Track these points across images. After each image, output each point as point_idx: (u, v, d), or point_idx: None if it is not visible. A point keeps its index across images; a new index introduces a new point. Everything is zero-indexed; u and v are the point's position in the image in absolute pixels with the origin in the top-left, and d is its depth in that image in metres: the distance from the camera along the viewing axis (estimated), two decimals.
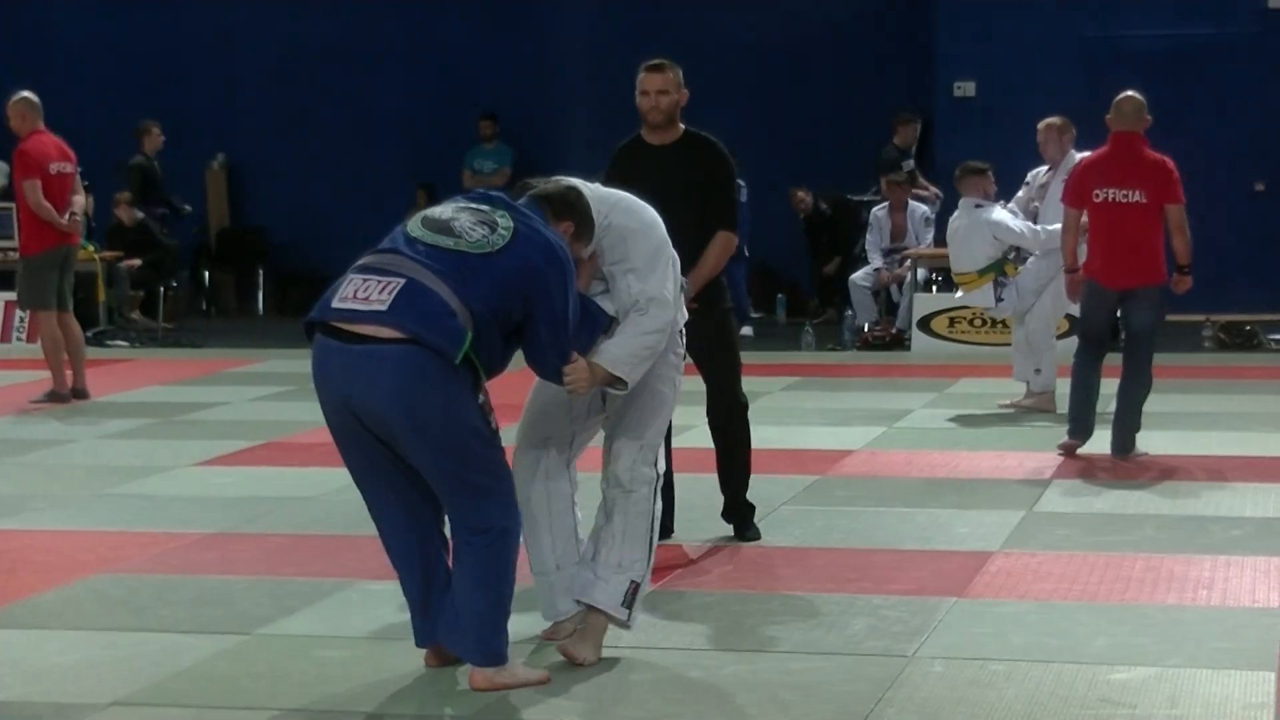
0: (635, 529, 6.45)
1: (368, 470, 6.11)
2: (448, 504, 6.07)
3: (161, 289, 19.48)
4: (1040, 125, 12.56)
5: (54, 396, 13.61)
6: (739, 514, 8.49)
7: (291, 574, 7.88)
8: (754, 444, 8.56)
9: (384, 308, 5.82)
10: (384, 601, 7.20)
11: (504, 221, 6.03)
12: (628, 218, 6.41)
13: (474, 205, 6.12)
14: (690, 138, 8.25)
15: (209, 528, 8.89)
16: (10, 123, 13.86)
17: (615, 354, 6.28)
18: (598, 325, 6.31)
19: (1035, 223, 12.58)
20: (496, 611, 6.06)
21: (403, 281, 5.86)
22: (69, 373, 13.80)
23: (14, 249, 17.77)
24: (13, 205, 18.16)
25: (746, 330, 17.82)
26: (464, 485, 5.97)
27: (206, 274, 21.54)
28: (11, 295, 17.43)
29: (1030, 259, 12.63)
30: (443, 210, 6.13)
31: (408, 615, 6.34)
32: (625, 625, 6.50)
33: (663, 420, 6.59)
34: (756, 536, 8.45)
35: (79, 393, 13.75)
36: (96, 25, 21.84)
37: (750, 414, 8.53)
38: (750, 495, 8.54)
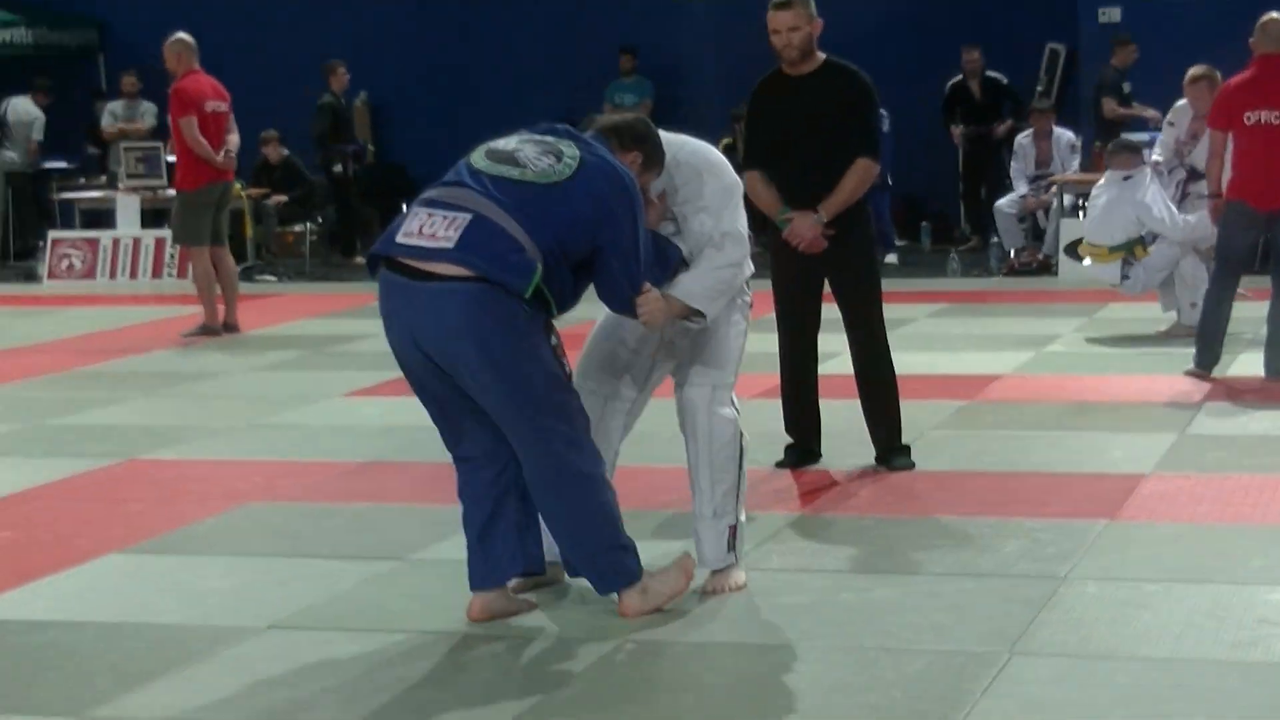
0: (723, 473, 6.32)
1: (439, 407, 6.02)
2: (518, 447, 5.91)
3: (307, 224, 19.64)
4: (1189, 79, 12.35)
5: (205, 330, 13.80)
6: (890, 460, 8.37)
7: (440, 501, 7.93)
8: (900, 369, 8.49)
9: (450, 244, 5.68)
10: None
11: (569, 151, 5.89)
12: (696, 157, 6.29)
13: (539, 137, 5.98)
14: (830, 67, 8.12)
15: (360, 456, 8.98)
16: (166, 63, 14.05)
17: (691, 287, 6.17)
18: (670, 261, 6.19)
19: (1183, 171, 12.46)
20: (602, 545, 5.96)
21: (469, 216, 5.72)
22: (221, 307, 13.98)
23: (163, 187, 18.02)
24: (160, 145, 18.44)
25: (891, 257, 17.72)
26: (536, 429, 5.83)
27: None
28: (163, 232, 17.66)
29: (1160, 241, 12.38)
30: (507, 141, 5.98)
31: None
32: (736, 568, 6.39)
33: (734, 361, 6.40)
34: (909, 467, 8.39)
35: (230, 326, 13.93)
36: None
37: (896, 339, 8.47)
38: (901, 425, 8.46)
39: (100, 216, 19.24)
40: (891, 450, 8.34)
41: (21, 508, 8.12)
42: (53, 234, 18.69)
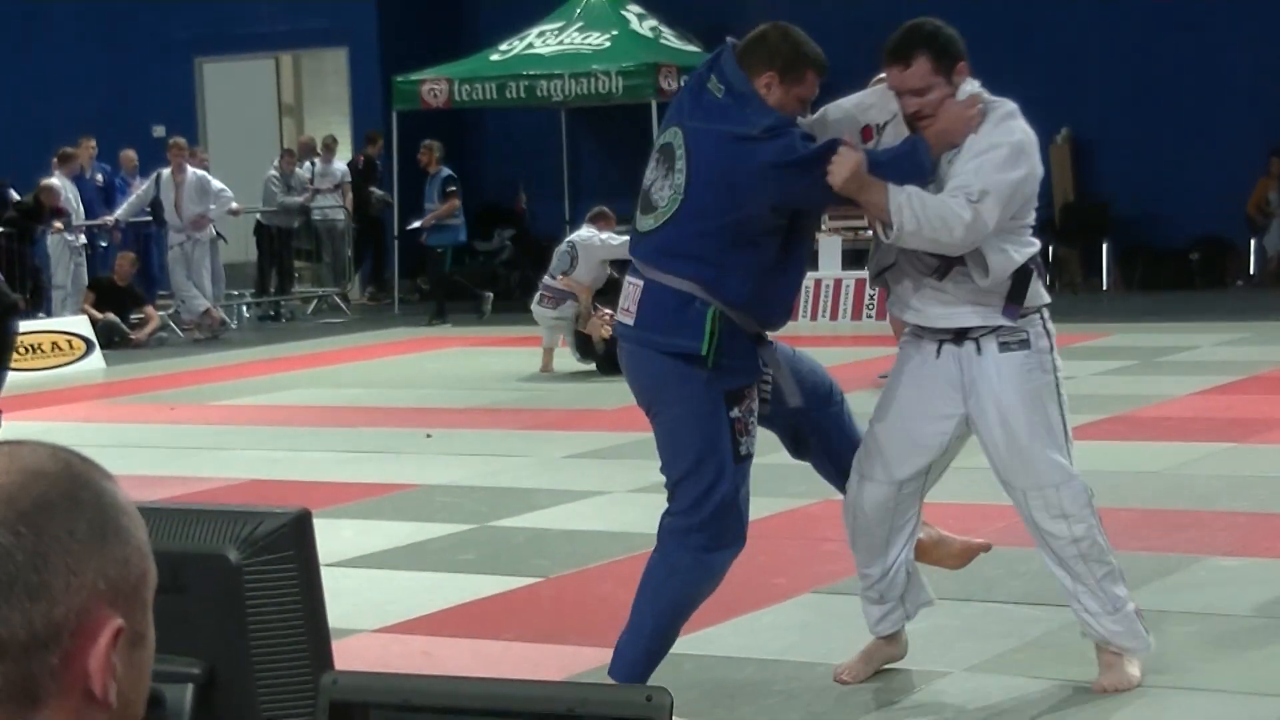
0: (1097, 569, 5.82)
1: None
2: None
3: None
4: None
5: None
6: None
7: (1139, 548, 7.78)
8: None
9: (633, 320, 5.66)
10: (1235, 578, 7.00)
11: (680, 152, 5.57)
12: (1011, 129, 5.64)
13: (663, 144, 5.68)
14: None
15: None
16: None
17: (910, 202, 5.47)
18: (915, 151, 5.57)
19: None
20: (636, 638, 5.74)
21: (642, 284, 5.64)
22: None
23: (863, 228, 18.30)
24: None
25: None
26: (674, 490, 5.67)
27: (1050, 249, 21.54)
28: (862, 273, 17.93)
29: None
30: (650, 175, 5.74)
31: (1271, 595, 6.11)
32: (1148, 648, 5.93)
33: (1063, 447, 5.83)
34: None
35: None
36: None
37: None
38: None
39: None
40: None
41: None
42: None
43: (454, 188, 20.01)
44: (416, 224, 20.55)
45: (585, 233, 15.38)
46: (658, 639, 5.72)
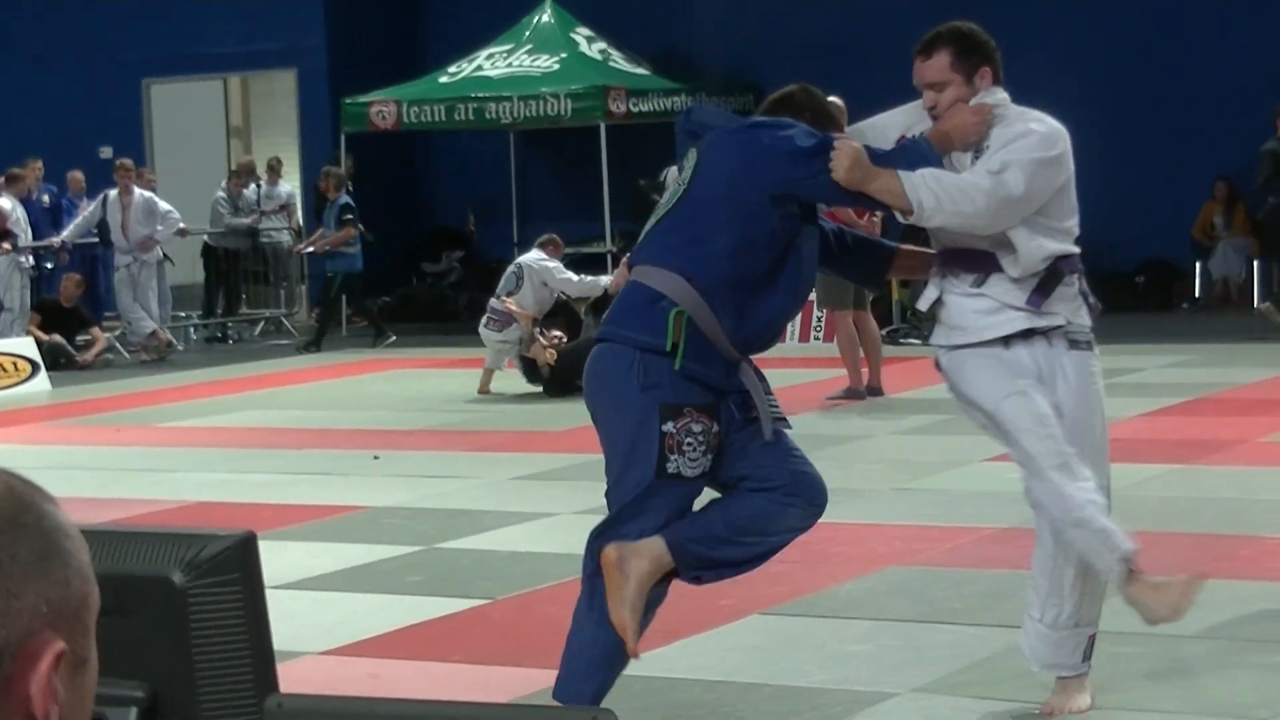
0: (1076, 578, 5.76)
1: None
2: None
3: None
4: None
5: (850, 394, 13.95)
6: None
7: None
8: None
9: (610, 319, 5.63)
10: (1255, 599, 6.99)
11: (690, 159, 5.62)
12: (1034, 125, 5.68)
13: (682, 162, 5.72)
14: None
15: (1002, 522, 8.90)
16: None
17: (925, 180, 5.41)
18: (918, 150, 5.53)
19: None
20: (574, 657, 5.61)
21: (630, 285, 5.62)
22: (865, 370, 14.11)
23: None
24: None
25: None
26: (611, 498, 5.59)
27: None
28: (809, 297, 17.97)
29: None
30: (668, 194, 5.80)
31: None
32: (1084, 681, 5.88)
33: (1105, 447, 5.81)
34: None
35: (874, 390, 14.04)
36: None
37: None
38: None
39: None
40: None
41: None
42: None
43: (350, 216, 20.00)
44: (309, 248, 20.54)
45: (534, 256, 15.39)
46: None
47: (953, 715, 5.91)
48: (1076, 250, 5.77)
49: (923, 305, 5.96)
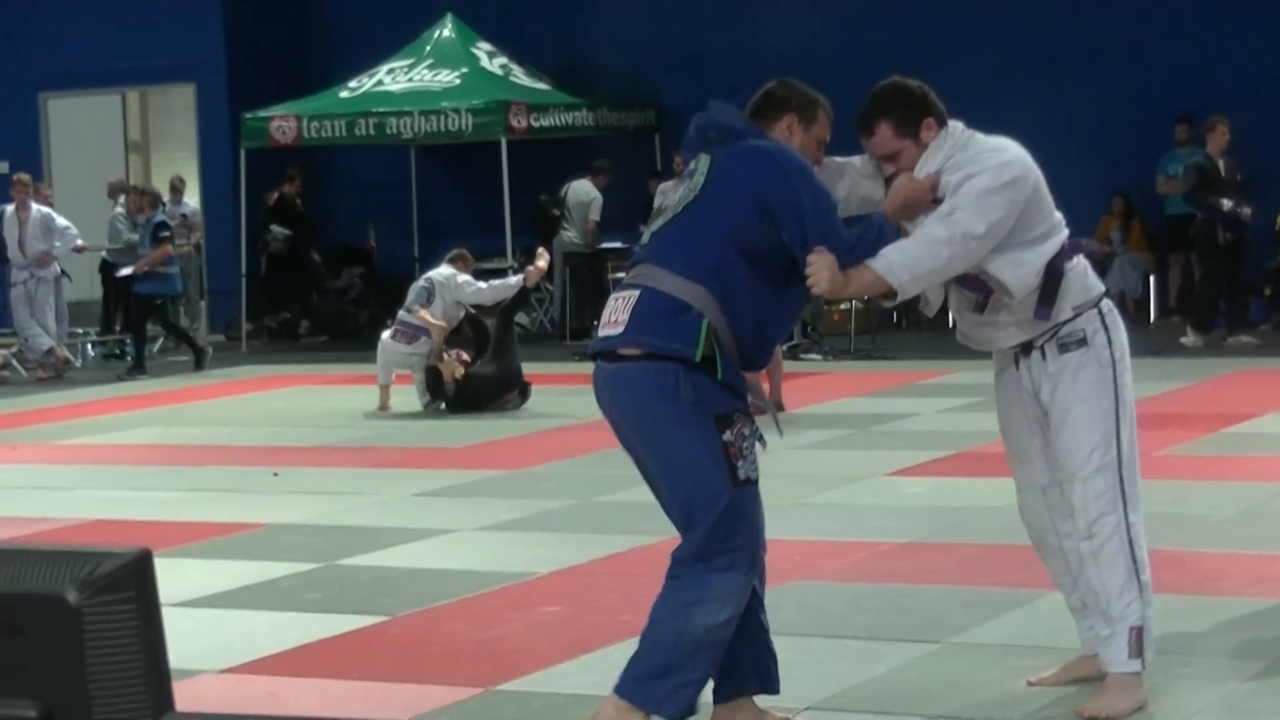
0: (1111, 576, 5.90)
1: (654, 487, 5.78)
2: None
3: (853, 302, 19.74)
4: None
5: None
6: None
7: (984, 584, 7.86)
8: None
9: (622, 328, 5.55)
10: None
11: (702, 165, 5.67)
12: (984, 152, 5.80)
13: (689, 168, 5.77)
14: None
15: (902, 537, 8.96)
16: None
17: (892, 258, 5.56)
18: (882, 234, 5.64)
19: None
20: (655, 669, 5.53)
21: (638, 292, 5.58)
22: (765, 385, 14.15)
23: None
24: None
25: None
26: (679, 513, 5.58)
27: None
28: None
29: None
30: (660, 199, 5.87)
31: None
32: (1139, 674, 5.97)
33: (1103, 440, 5.89)
34: None
35: (775, 405, 14.09)
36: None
37: None
38: None
39: None
40: None
41: (571, 583, 8.35)
42: None
43: (166, 234, 19.60)
44: (127, 270, 19.99)
45: (445, 271, 15.33)
46: (664, 670, 5.53)
47: None
48: (1064, 235, 5.93)
49: (929, 312, 6.16)
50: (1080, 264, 5.96)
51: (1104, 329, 5.93)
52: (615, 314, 5.61)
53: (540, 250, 15.64)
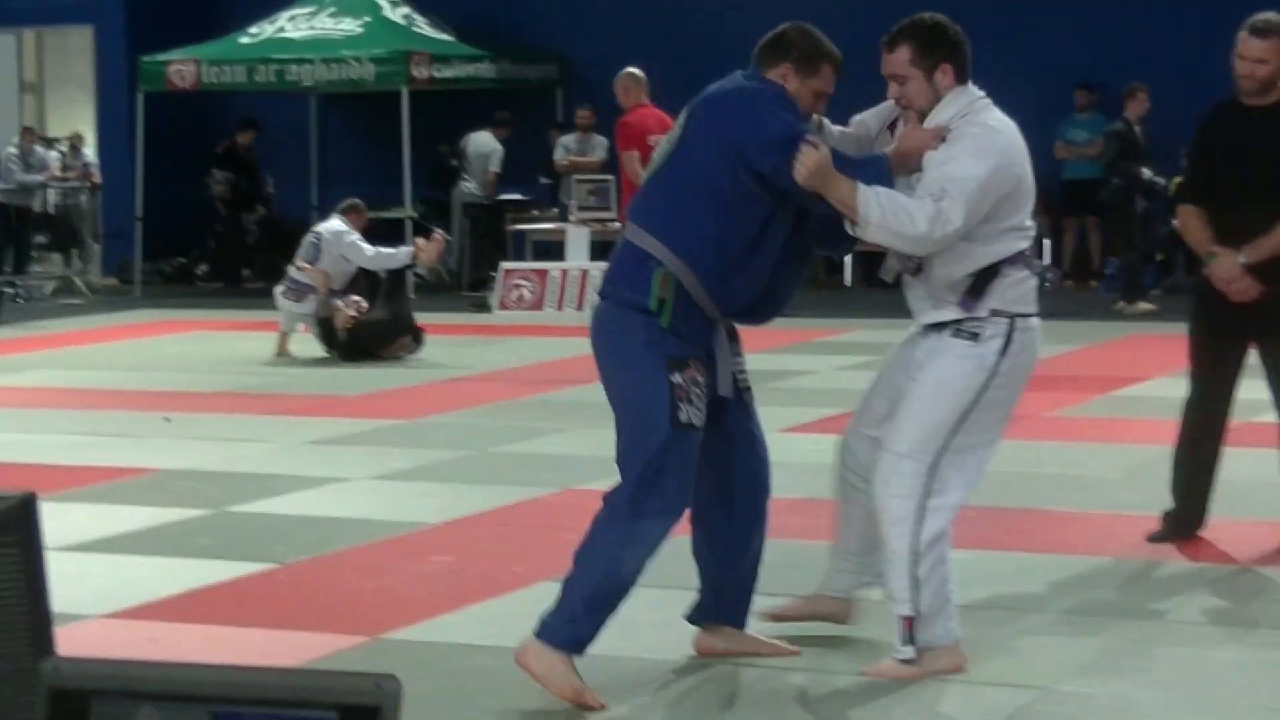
0: (894, 557, 5.94)
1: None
2: None
3: None
4: None
5: None
6: None
7: None
8: None
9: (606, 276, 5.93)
10: (967, 571, 7.13)
11: (681, 117, 5.88)
12: (979, 132, 5.84)
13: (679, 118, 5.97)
14: None
15: (795, 493, 8.98)
16: (617, 96, 14.38)
17: (876, 197, 5.60)
18: (881, 173, 5.73)
19: None
20: (570, 592, 5.77)
21: (621, 243, 5.91)
22: None
23: (613, 220, 18.40)
24: (611, 178, 18.83)
25: None
26: (619, 450, 5.79)
27: None
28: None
29: None
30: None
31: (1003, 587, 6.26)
32: (911, 662, 5.96)
33: (930, 430, 5.86)
34: None
35: None
36: None
37: None
38: None
39: (552, 248, 19.74)
40: None
41: (462, 533, 8.35)
42: (505, 265, 19.23)
43: None
44: None
45: (335, 226, 15.13)
46: (586, 609, 5.70)
47: (743, 683, 5.96)
48: (1024, 245, 5.92)
49: (887, 276, 6.15)
50: (1025, 279, 5.91)
51: (1006, 340, 5.88)
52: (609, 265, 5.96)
53: (436, 232, 15.42)
